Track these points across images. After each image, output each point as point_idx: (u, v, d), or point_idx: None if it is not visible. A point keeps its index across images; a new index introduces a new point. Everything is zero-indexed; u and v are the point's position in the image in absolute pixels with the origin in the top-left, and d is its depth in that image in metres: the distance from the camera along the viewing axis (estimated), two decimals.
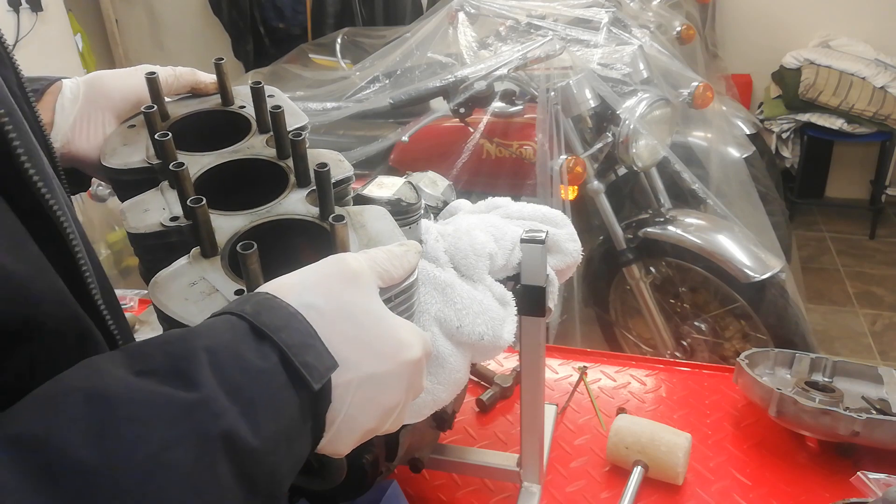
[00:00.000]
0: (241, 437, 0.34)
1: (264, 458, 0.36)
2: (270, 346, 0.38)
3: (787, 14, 3.60)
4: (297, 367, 0.38)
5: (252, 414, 0.35)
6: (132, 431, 0.32)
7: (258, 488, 0.36)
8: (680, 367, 1.07)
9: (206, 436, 0.33)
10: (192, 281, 0.48)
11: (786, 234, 2.35)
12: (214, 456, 0.33)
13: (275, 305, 0.40)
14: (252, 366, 0.37)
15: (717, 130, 2.13)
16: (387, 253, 0.47)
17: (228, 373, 0.35)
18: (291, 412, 0.38)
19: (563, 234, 0.75)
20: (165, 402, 0.33)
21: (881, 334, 2.77)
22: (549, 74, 1.77)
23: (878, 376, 0.94)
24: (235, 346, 0.37)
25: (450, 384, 0.62)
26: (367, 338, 0.42)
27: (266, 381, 0.37)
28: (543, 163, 1.78)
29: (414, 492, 0.85)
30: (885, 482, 0.73)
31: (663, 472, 0.82)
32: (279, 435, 0.37)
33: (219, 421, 0.34)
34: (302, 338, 0.39)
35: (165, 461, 0.32)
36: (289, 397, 0.38)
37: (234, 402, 0.35)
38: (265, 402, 0.36)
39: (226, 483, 0.34)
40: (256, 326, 0.38)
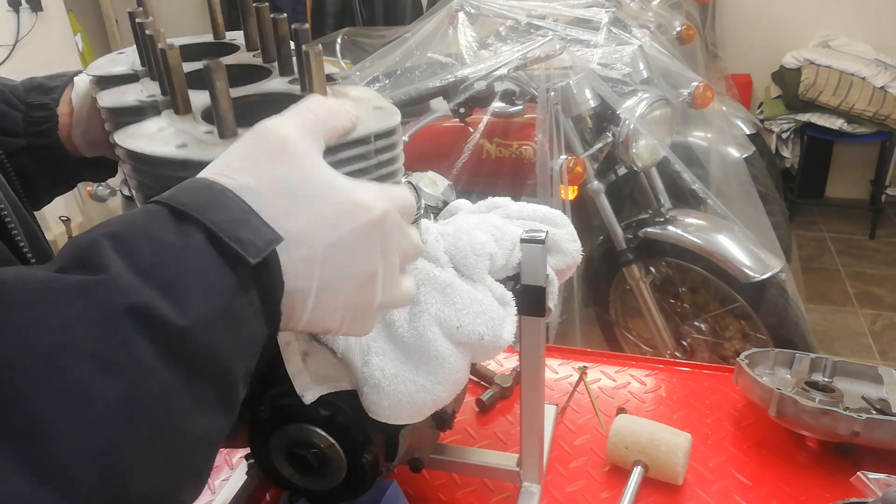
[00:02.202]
0: (160, 314, 0.31)
1: (198, 338, 0.33)
2: (193, 225, 0.35)
3: (787, 14, 3.60)
4: (226, 242, 0.35)
5: (173, 293, 0.32)
6: (24, 315, 0.29)
7: (201, 372, 0.33)
8: (680, 367, 1.07)
9: (110, 312, 0.30)
10: (160, 127, 0.46)
11: (786, 234, 2.35)
12: (125, 333, 0.31)
13: (197, 185, 0.37)
14: (169, 245, 0.34)
15: (717, 130, 2.13)
16: (318, 106, 0.42)
17: (140, 254, 0.33)
18: (226, 291, 0.35)
19: (563, 234, 0.75)
20: (62, 285, 0.31)
21: (881, 334, 2.77)
22: (549, 74, 1.77)
23: (878, 376, 0.94)
24: (148, 228, 0.34)
25: (450, 384, 0.62)
26: (314, 207, 0.38)
27: (187, 259, 0.34)
28: (543, 163, 1.78)
29: (414, 492, 0.85)
30: (885, 482, 0.73)
31: (663, 472, 0.82)
32: (213, 314, 0.34)
33: (126, 296, 0.31)
34: (231, 214, 0.36)
35: (64, 341, 0.29)
36: (220, 274, 0.35)
37: (148, 280, 0.32)
38: (189, 280, 0.33)
39: (148, 363, 0.31)
40: (175, 208, 0.35)
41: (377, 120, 0.48)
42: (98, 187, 2.07)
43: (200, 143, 0.45)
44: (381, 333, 0.61)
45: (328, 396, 0.63)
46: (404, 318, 0.61)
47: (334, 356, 0.61)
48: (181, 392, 0.32)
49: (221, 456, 0.95)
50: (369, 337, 0.61)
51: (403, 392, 0.59)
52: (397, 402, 0.59)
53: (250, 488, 0.86)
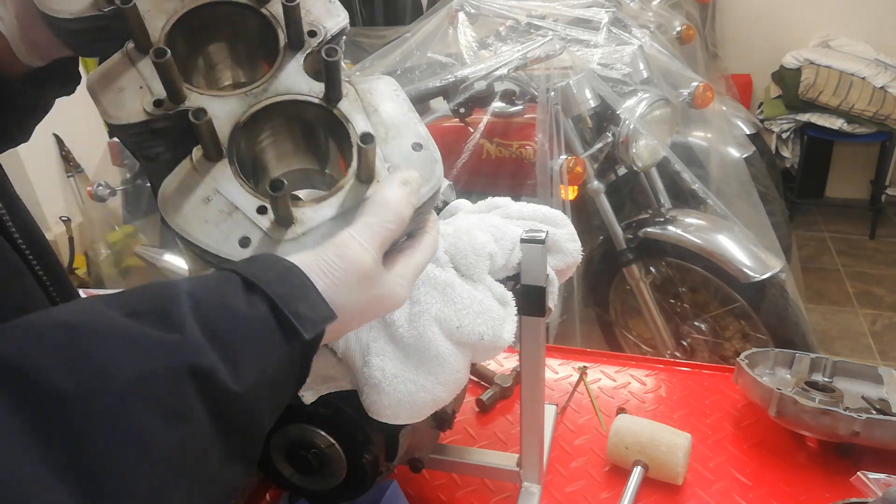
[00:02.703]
0: (219, 378, 0.34)
1: (244, 401, 0.36)
2: (260, 297, 0.38)
3: (787, 14, 3.60)
4: (287, 316, 0.38)
5: (233, 358, 0.35)
6: (109, 361, 0.32)
7: (235, 428, 0.36)
8: (680, 367, 1.07)
9: (178, 370, 0.33)
10: (205, 196, 0.44)
11: (786, 234, 2.35)
12: (189, 390, 0.33)
13: (270, 259, 0.41)
14: (237, 313, 0.37)
15: (717, 130, 2.13)
16: (393, 224, 0.45)
17: (211, 318, 0.36)
18: (279, 361, 0.38)
19: (563, 234, 0.75)
20: (144, 337, 0.34)
21: (881, 334, 2.77)
22: (549, 74, 1.77)
23: (878, 376, 0.94)
24: (222, 295, 0.37)
25: (450, 384, 0.61)
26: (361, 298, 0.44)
27: (251, 328, 0.37)
28: (543, 163, 1.78)
29: (414, 492, 0.85)
30: (885, 482, 0.73)
31: (663, 472, 0.82)
32: (262, 381, 0.37)
33: (193, 358, 0.34)
34: (294, 289, 0.39)
35: (139, 390, 0.32)
36: (277, 345, 0.38)
37: (214, 344, 0.35)
38: (249, 347, 0.36)
39: (201, 418, 0.34)
40: (247, 279, 0.38)
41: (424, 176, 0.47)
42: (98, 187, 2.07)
43: (264, 239, 0.45)
44: (381, 333, 0.61)
45: (328, 396, 0.63)
46: (404, 318, 0.61)
47: (334, 356, 0.61)
48: (218, 445, 0.36)
49: None
50: (369, 337, 0.61)
51: (403, 392, 0.59)
52: (397, 402, 0.59)
53: (250, 488, 0.86)
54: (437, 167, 0.48)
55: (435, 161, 0.48)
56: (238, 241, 0.44)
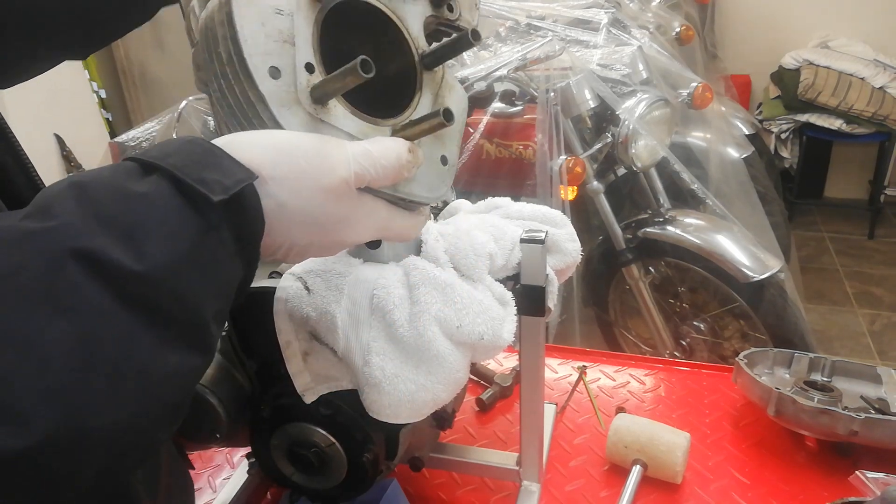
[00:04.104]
0: (113, 258, 0.32)
1: (158, 281, 0.34)
2: (160, 175, 0.36)
3: (786, 15, 3.61)
4: (189, 184, 0.36)
5: (131, 239, 0.33)
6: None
7: (164, 313, 0.34)
8: (679, 366, 1.08)
9: (55, 256, 0.31)
10: (278, 8, 0.42)
11: (785, 235, 2.35)
12: (73, 277, 0.31)
13: (174, 140, 0.38)
14: (131, 194, 0.35)
15: (717, 131, 2.13)
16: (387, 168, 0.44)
17: (100, 203, 0.34)
18: (191, 233, 0.36)
19: (563, 234, 0.75)
20: (12, 233, 0.32)
21: (880, 334, 2.78)
22: (548, 75, 1.77)
23: (876, 376, 0.94)
24: (114, 179, 0.35)
25: (450, 383, 0.62)
26: (298, 162, 0.41)
27: (150, 205, 0.35)
28: (543, 163, 1.78)
29: (414, 490, 0.85)
30: (883, 481, 0.73)
31: (662, 472, 0.82)
32: (175, 258, 0.35)
33: (75, 241, 0.32)
34: (198, 157, 0.37)
35: (8, 287, 0.30)
36: (184, 218, 0.35)
37: (104, 227, 0.33)
38: (149, 226, 0.34)
39: (101, 306, 0.32)
40: (144, 161, 0.36)
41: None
42: None
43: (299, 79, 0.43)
44: (381, 333, 0.61)
45: (329, 396, 0.63)
46: (405, 317, 0.61)
47: (335, 356, 0.61)
48: (142, 333, 0.33)
49: (222, 455, 0.95)
50: (370, 336, 0.61)
51: (403, 391, 0.59)
52: (397, 402, 0.60)
53: (251, 487, 0.86)
54: (446, 186, 0.50)
55: (447, 181, 0.50)
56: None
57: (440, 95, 0.50)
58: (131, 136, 2.31)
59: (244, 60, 0.40)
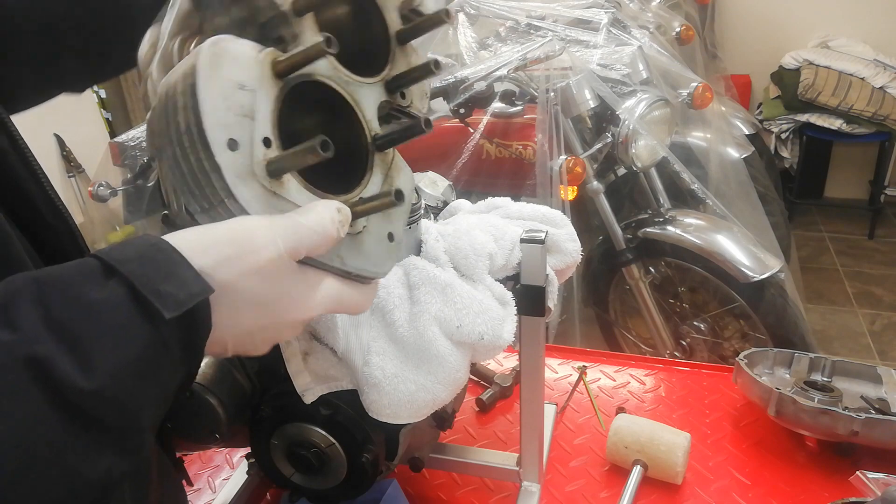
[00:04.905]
0: (59, 367, 0.33)
1: (102, 392, 0.34)
2: (118, 280, 0.36)
3: (786, 15, 3.61)
4: (144, 296, 0.35)
5: (78, 347, 0.33)
6: None
7: (100, 420, 0.34)
8: (679, 366, 1.08)
9: (8, 362, 0.32)
10: (242, 83, 0.42)
11: (785, 235, 2.35)
12: (16, 382, 0.32)
13: (139, 241, 0.38)
14: (87, 300, 0.35)
15: (717, 131, 2.13)
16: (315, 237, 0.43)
17: (55, 307, 0.34)
18: (144, 347, 0.36)
19: (563, 234, 0.75)
20: None
21: (880, 334, 2.78)
22: (548, 75, 1.77)
23: (876, 376, 0.94)
24: (73, 281, 0.35)
25: (449, 383, 0.62)
26: (259, 309, 0.42)
27: (103, 315, 0.35)
28: (543, 163, 1.78)
29: (414, 491, 0.85)
30: (883, 481, 0.73)
31: (662, 472, 0.82)
32: (125, 370, 0.35)
33: (26, 348, 0.32)
34: (158, 265, 0.37)
35: None
36: (137, 329, 0.35)
37: (54, 334, 0.33)
38: (101, 336, 0.34)
39: (37, 411, 0.32)
40: (105, 262, 0.36)
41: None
42: (99, 187, 2.07)
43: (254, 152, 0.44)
44: (381, 333, 0.61)
45: (328, 396, 0.63)
46: (405, 317, 0.61)
47: (335, 356, 0.61)
48: (75, 439, 0.34)
49: (222, 455, 0.95)
50: (370, 336, 0.61)
51: (403, 391, 0.59)
52: (397, 402, 0.60)
53: (251, 487, 0.86)
54: (392, 261, 0.51)
55: (394, 257, 0.51)
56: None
57: (390, 175, 0.52)
58: (131, 136, 2.31)
59: (203, 131, 0.41)
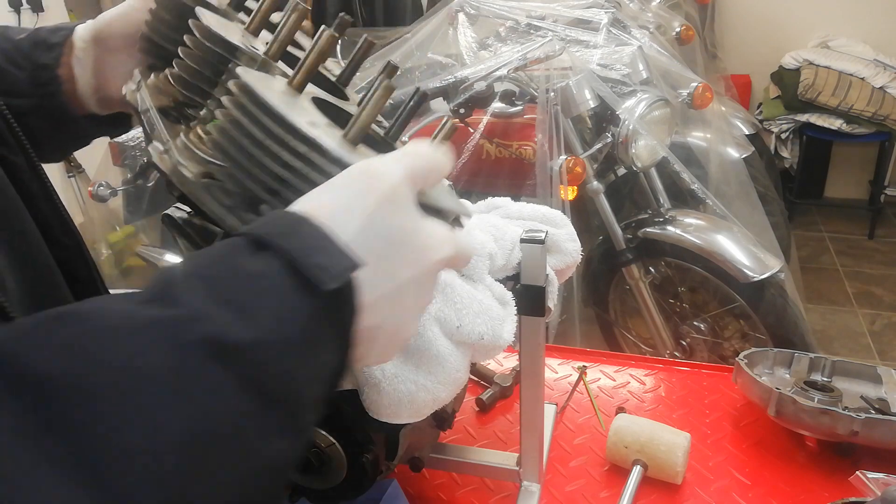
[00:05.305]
0: (234, 341, 0.32)
1: (271, 364, 0.33)
2: (272, 254, 0.35)
3: (786, 15, 3.61)
4: (302, 269, 0.35)
5: (248, 321, 0.33)
6: (99, 343, 0.30)
7: (272, 397, 0.33)
8: (679, 366, 1.08)
9: (182, 341, 0.31)
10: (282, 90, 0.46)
11: (785, 235, 2.35)
12: (198, 361, 0.31)
13: (279, 215, 0.38)
14: (246, 272, 0.35)
15: (717, 131, 2.13)
16: (426, 157, 0.43)
17: (217, 284, 0.34)
18: (301, 317, 0.35)
19: (563, 234, 0.75)
20: (139, 317, 0.32)
21: (880, 334, 2.78)
22: (548, 75, 1.77)
23: (876, 376, 0.94)
24: (227, 259, 0.35)
25: (450, 383, 0.62)
26: (403, 249, 0.40)
27: (265, 287, 0.34)
28: (543, 163, 1.78)
29: (414, 491, 0.85)
30: (883, 481, 0.73)
31: (662, 472, 0.82)
32: (286, 340, 0.34)
33: (200, 326, 0.32)
34: (310, 241, 0.37)
35: (138, 367, 0.30)
36: (295, 300, 0.35)
37: (222, 310, 0.33)
38: (264, 306, 0.34)
39: (220, 390, 0.31)
40: (255, 237, 0.36)
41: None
42: (99, 187, 2.07)
43: (329, 131, 0.45)
44: None
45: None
46: None
47: None
48: (251, 418, 0.33)
49: None
50: None
51: (403, 391, 0.59)
52: (397, 402, 0.60)
53: None
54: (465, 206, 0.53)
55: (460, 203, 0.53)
56: (306, 122, 0.45)
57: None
58: (131, 136, 2.31)
59: (288, 122, 0.42)
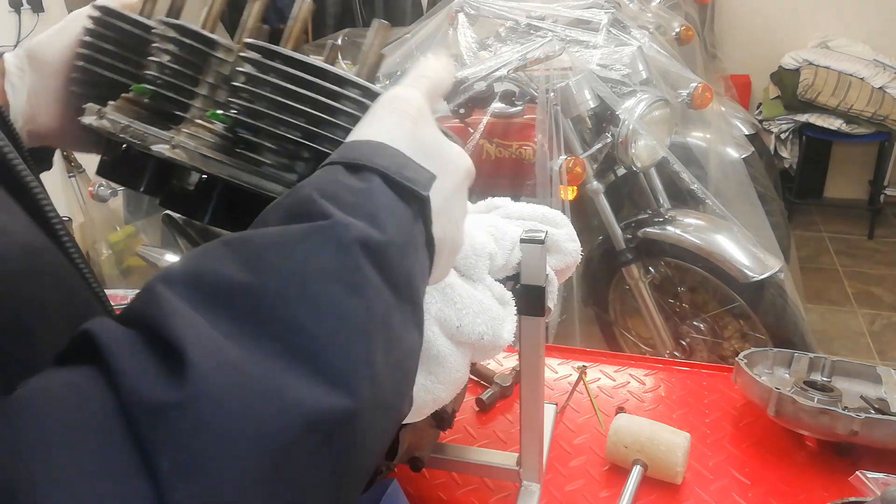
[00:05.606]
0: (376, 242, 0.36)
1: (401, 261, 0.38)
2: (369, 172, 0.40)
3: (785, 15, 3.61)
4: (400, 181, 0.40)
5: (378, 224, 0.37)
6: (274, 253, 0.34)
7: (402, 293, 0.38)
8: (679, 366, 1.08)
9: (343, 243, 0.35)
10: None
11: (784, 235, 2.35)
12: (357, 260, 0.35)
13: (359, 143, 0.42)
14: (359, 189, 0.39)
15: (716, 131, 2.13)
16: (433, 74, 0.48)
17: (343, 199, 0.37)
18: (408, 221, 0.40)
19: (563, 234, 0.75)
20: (297, 229, 0.36)
21: (879, 334, 2.78)
22: (548, 75, 1.77)
23: (876, 376, 0.94)
24: (338, 179, 0.39)
25: (450, 383, 0.62)
26: (439, 161, 0.45)
27: (377, 197, 0.39)
28: (543, 163, 1.78)
29: (414, 491, 0.85)
30: (883, 481, 0.73)
31: (662, 472, 0.82)
32: (405, 240, 0.39)
33: (350, 230, 0.36)
34: (396, 159, 0.41)
35: (315, 269, 0.34)
36: (401, 207, 0.40)
37: (357, 216, 0.37)
38: (385, 213, 0.38)
39: (376, 284, 0.36)
40: (348, 163, 0.40)
41: None
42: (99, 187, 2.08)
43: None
44: None
45: None
46: None
47: None
48: (395, 310, 0.37)
49: None
50: None
51: None
52: None
53: None
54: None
55: None
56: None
57: None
58: None
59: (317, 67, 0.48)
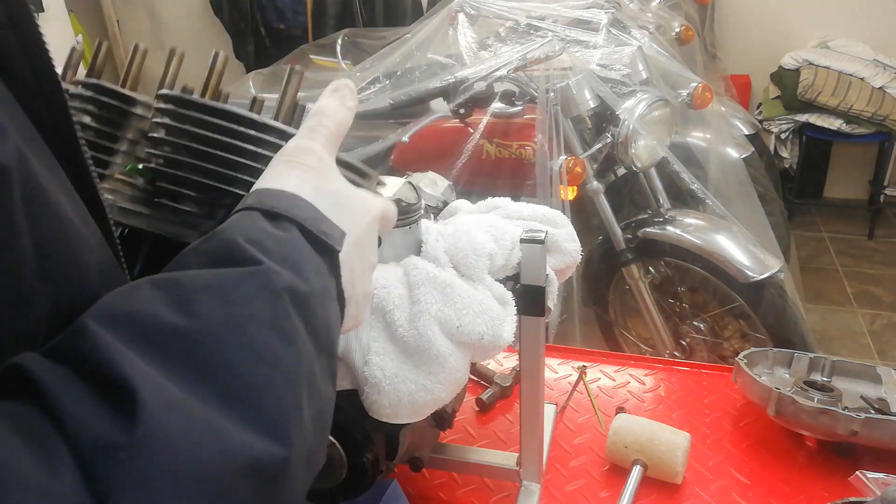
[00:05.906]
0: (301, 291, 0.37)
1: (322, 312, 0.38)
2: (287, 221, 0.40)
3: (785, 15, 3.61)
4: (317, 234, 0.41)
5: (301, 274, 0.38)
6: (208, 296, 0.33)
7: (321, 343, 0.38)
8: (679, 366, 1.08)
9: (276, 290, 0.35)
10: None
11: (784, 235, 2.35)
12: (287, 308, 0.36)
13: (274, 193, 0.42)
14: (280, 237, 0.39)
15: (716, 131, 2.13)
16: (330, 120, 0.47)
17: (267, 246, 0.38)
18: (325, 275, 0.41)
19: (563, 234, 0.75)
20: (230, 273, 0.35)
21: (879, 334, 2.78)
22: (548, 75, 1.77)
23: (876, 376, 0.94)
24: (259, 227, 0.39)
25: (450, 383, 0.62)
26: (349, 209, 0.45)
27: (298, 247, 0.39)
28: (543, 163, 1.78)
29: (414, 490, 0.85)
30: (883, 481, 0.73)
31: (662, 472, 0.82)
32: (324, 294, 0.40)
33: (281, 277, 0.36)
34: (311, 212, 0.42)
35: (250, 315, 0.34)
36: (317, 260, 0.40)
37: (283, 265, 0.37)
38: (306, 263, 0.39)
39: (303, 333, 0.36)
40: (266, 210, 0.40)
41: None
42: None
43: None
44: (381, 333, 0.61)
45: None
46: (404, 317, 0.61)
47: None
48: (315, 360, 0.37)
49: None
50: (370, 336, 0.61)
51: (404, 391, 0.59)
52: (397, 402, 0.60)
53: None
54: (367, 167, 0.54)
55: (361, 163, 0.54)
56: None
57: None
58: None
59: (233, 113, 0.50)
